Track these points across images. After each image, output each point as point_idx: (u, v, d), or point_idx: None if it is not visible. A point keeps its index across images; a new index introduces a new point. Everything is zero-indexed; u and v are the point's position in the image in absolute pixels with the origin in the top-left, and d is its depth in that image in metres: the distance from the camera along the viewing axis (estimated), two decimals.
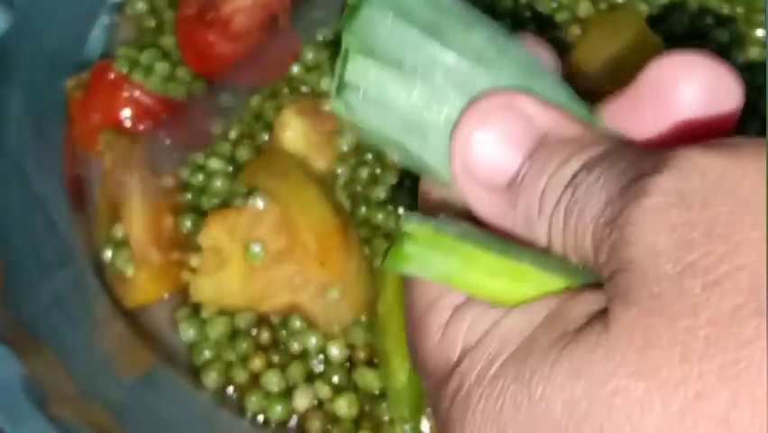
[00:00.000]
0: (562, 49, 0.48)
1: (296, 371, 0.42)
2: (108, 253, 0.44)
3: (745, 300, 0.14)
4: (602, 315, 0.16)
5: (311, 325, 0.42)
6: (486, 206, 0.21)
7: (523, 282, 0.19)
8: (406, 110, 0.21)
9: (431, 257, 0.19)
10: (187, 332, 0.43)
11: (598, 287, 0.18)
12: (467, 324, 0.19)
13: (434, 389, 0.19)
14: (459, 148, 0.20)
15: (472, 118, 0.20)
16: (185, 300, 0.44)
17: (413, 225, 0.19)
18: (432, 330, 0.19)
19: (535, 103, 0.20)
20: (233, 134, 0.48)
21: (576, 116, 0.20)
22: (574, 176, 0.18)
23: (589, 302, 0.17)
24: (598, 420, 0.15)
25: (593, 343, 0.16)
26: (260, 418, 0.42)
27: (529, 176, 0.19)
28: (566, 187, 0.18)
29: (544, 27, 0.49)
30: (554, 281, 0.19)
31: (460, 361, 0.18)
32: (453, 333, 0.19)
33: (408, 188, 0.45)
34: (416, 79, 0.21)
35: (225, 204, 0.45)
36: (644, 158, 0.17)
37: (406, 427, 0.40)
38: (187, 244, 0.44)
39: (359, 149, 0.46)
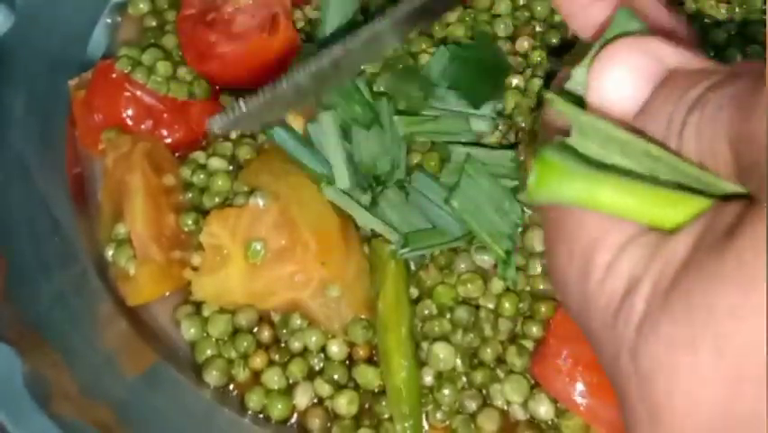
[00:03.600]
0: (561, 49, 0.48)
1: (296, 368, 0.42)
2: (110, 252, 0.45)
3: None
4: (750, 208, 0.18)
5: (311, 323, 0.43)
6: None
7: (667, 207, 0.20)
8: None
9: (573, 179, 0.20)
10: (189, 330, 0.43)
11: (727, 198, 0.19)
12: (634, 259, 0.20)
13: (601, 323, 0.20)
14: (595, 81, 0.23)
15: (607, 55, 0.23)
16: (186, 299, 0.44)
17: (554, 148, 0.20)
18: (597, 268, 0.21)
19: (665, 43, 0.22)
20: (233, 134, 0.48)
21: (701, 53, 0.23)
22: (699, 98, 0.20)
23: (730, 211, 0.19)
24: None
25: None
26: (261, 415, 0.42)
27: (657, 103, 0.21)
28: (691, 108, 0.20)
29: (543, 28, 0.49)
30: (693, 200, 0.20)
31: (629, 290, 0.20)
32: (620, 269, 0.20)
33: None
34: None
35: (226, 203, 0.45)
36: None
37: (406, 424, 0.40)
38: (189, 242, 0.45)
39: None
